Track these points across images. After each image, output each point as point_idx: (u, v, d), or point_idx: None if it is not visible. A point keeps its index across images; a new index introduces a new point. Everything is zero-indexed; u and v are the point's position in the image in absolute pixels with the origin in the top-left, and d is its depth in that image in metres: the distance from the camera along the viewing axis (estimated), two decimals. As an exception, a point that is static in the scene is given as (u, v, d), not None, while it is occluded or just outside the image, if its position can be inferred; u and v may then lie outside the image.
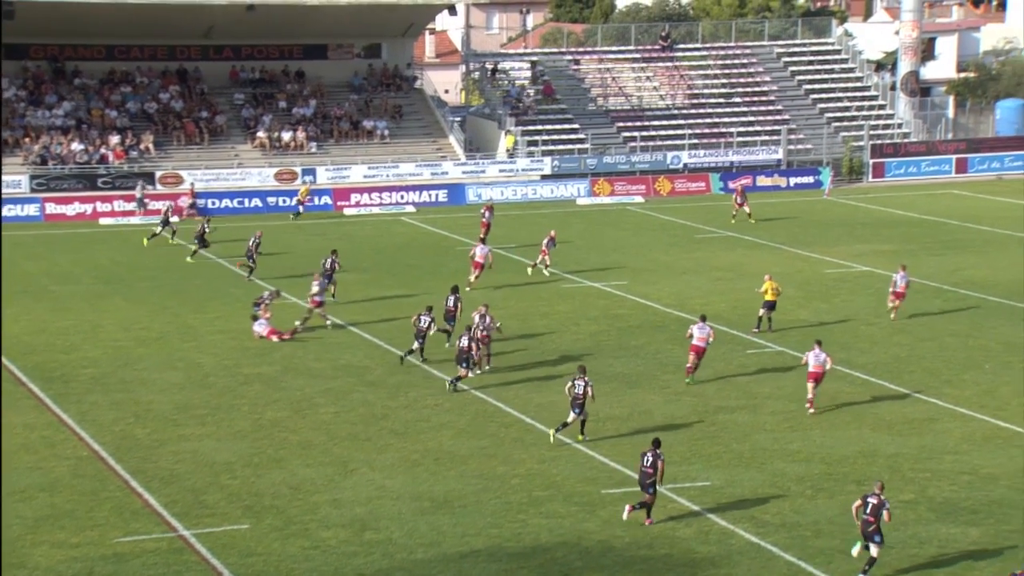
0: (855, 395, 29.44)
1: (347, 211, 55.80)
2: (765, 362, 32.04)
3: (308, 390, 30.08)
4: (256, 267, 40.68)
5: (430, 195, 56.92)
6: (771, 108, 65.75)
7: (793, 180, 60.57)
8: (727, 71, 67.99)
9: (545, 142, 62.03)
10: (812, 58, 69.27)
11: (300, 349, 33.51)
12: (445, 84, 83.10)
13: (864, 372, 30.93)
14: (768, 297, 34.35)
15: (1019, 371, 31.02)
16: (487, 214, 46.02)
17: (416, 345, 31.47)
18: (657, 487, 22.24)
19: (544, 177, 59.85)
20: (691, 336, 30.08)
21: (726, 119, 64.66)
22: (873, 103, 66.90)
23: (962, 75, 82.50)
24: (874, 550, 20.31)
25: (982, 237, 47.94)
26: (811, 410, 28.08)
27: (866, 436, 26.51)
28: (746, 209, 50.52)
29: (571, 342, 34.04)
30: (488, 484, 24.21)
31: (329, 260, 38.16)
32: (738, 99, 66.13)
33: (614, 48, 70.54)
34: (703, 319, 30.52)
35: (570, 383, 26.27)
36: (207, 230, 44.32)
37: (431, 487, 24.08)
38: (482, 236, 44.09)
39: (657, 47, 69.14)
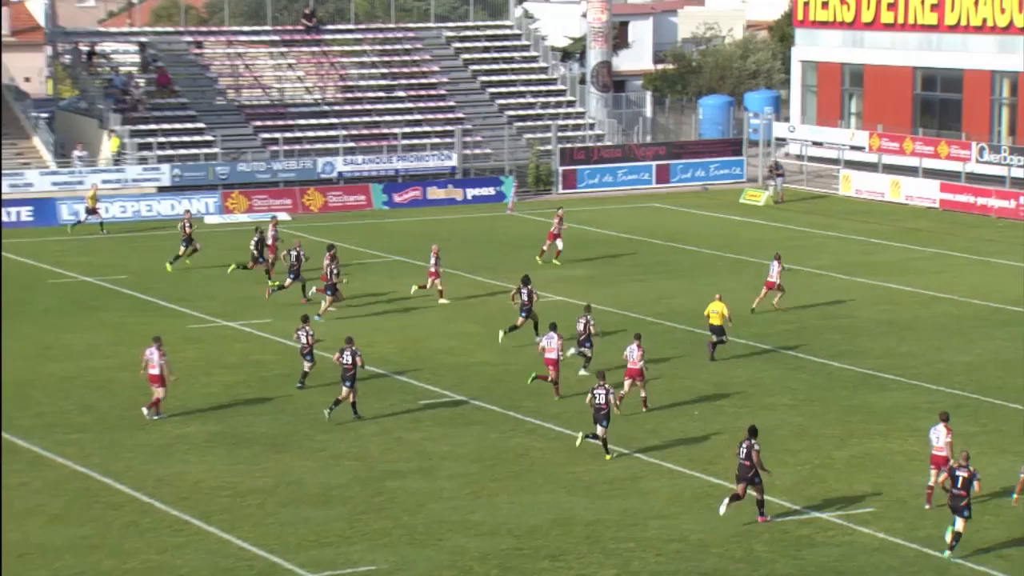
0: (547, 451, 30.25)
1: None
2: (442, 415, 32.51)
3: None
4: (306, 281, 42.39)
5: (9, 213, 54.72)
6: (442, 104, 67.13)
7: (471, 192, 61.93)
8: (387, 59, 68.93)
9: (162, 145, 60.92)
10: (487, 44, 71.18)
11: None
12: (25, 70, 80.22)
13: (558, 423, 31.82)
14: (713, 321, 36.27)
15: (731, 416, 32.77)
16: (272, 230, 46.48)
17: (346, 390, 31.60)
18: (760, 475, 25.67)
19: (162, 190, 58.79)
20: (542, 350, 33.40)
21: (388, 117, 65.51)
22: (560, 99, 69.41)
23: (660, 67, 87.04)
24: (960, 524, 24.37)
25: (688, 259, 50.49)
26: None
27: (561, 501, 27.30)
28: (558, 243, 48.18)
29: (201, 396, 33.46)
30: (93, 585, 23.45)
31: (326, 259, 41.17)
32: (402, 93, 67.17)
33: (246, 28, 70.27)
34: (553, 327, 33.36)
35: (590, 394, 29.20)
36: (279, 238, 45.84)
37: (17, 593, 23.12)
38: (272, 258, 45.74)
39: (300, 28, 69.33)
